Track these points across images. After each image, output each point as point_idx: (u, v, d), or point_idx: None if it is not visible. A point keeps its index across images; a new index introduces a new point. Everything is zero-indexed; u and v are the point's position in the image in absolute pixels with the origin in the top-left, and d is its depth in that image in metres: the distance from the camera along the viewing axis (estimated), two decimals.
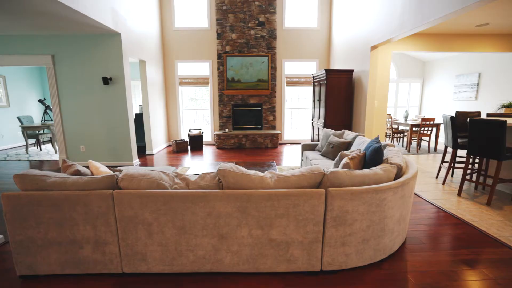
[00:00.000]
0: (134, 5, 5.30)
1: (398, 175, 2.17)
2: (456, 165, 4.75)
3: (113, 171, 2.19)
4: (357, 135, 3.69)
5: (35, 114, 7.97)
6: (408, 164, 2.43)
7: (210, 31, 7.05)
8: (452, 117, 3.69)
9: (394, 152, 2.49)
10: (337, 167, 2.54)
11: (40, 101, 7.72)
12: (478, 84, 6.73)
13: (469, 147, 3.29)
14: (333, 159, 3.74)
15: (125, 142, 5.07)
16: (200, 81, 7.36)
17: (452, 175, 4.23)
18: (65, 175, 1.91)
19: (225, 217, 1.76)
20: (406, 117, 6.97)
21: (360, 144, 3.34)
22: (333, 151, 3.76)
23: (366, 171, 1.98)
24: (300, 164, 4.46)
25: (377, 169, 2.03)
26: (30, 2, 3.25)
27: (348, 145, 3.72)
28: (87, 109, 4.95)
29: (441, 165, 4.12)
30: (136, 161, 5.30)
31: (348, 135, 3.93)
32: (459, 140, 3.79)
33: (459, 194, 3.41)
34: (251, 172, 1.88)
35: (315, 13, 7.18)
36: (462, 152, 5.85)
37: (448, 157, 5.46)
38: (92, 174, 2.14)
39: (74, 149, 5.09)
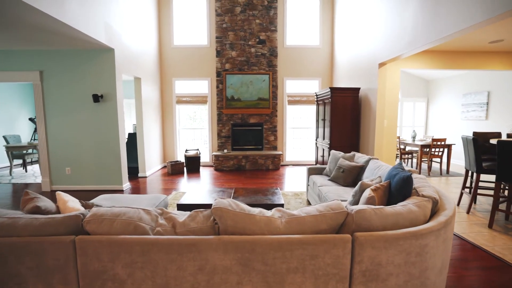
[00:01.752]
0: (131, 21, 5.11)
1: (432, 211, 1.78)
2: (478, 191, 4.34)
3: (85, 206, 1.78)
4: (370, 159, 3.32)
5: (25, 133, 7.61)
6: (440, 195, 2.04)
7: (209, 49, 6.87)
8: (474, 139, 3.35)
9: (421, 181, 2.11)
10: (356, 199, 2.14)
11: (30, 119, 7.39)
12: (487, 103, 6.48)
13: (499, 173, 2.91)
14: (344, 185, 3.35)
15: (115, 164, 4.67)
16: (199, 100, 7.09)
17: (475, 202, 3.81)
18: (19, 213, 1.51)
19: (221, 273, 1.34)
20: (414, 137, 6.64)
21: (376, 169, 2.97)
22: (344, 176, 3.37)
23: (398, 208, 1.59)
24: (306, 189, 4.05)
25: (411, 205, 1.63)
26: (16, 14, 2.99)
27: (360, 170, 3.34)
28: (75, 128, 4.60)
29: (463, 191, 3.72)
30: (126, 184, 4.88)
31: (359, 157, 3.56)
32: (483, 164, 3.42)
33: (490, 226, 2.99)
34: (255, 211, 1.48)
35: (316, 31, 7.05)
36: (483, 177, 5.32)
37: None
38: (58, 211, 1.74)
39: (59, 171, 4.68)
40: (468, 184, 4.60)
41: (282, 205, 2.70)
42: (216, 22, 6.64)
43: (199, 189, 3.32)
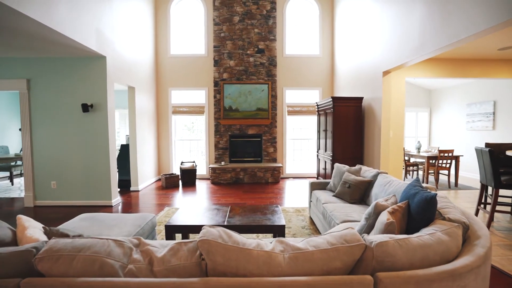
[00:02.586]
0: (125, 28, 4.93)
1: (463, 239, 1.49)
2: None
3: (48, 234, 1.49)
4: (378, 173, 3.04)
5: (15, 144, 7.33)
6: (468, 218, 1.76)
7: (207, 58, 6.71)
8: (490, 150, 3.09)
9: (443, 200, 1.83)
10: (369, 222, 1.86)
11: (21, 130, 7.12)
12: (494, 113, 6.26)
13: None
14: (351, 202, 3.06)
15: (104, 178, 4.38)
16: (196, 110, 6.87)
17: (492, 219, 3.51)
18: None
19: None
20: (418, 149, 6.40)
21: (386, 184, 2.69)
22: (350, 191, 3.09)
23: (425, 238, 1.31)
24: (309, 205, 3.76)
25: (440, 233, 1.35)
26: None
27: (368, 185, 3.06)
28: (62, 140, 4.33)
29: (479, 207, 3.44)
30: (116, 199, 4.57)
31: (366, 171, 3.29)
32: (501, 178, 3.15)
33: None
34: (252, 243, 1.20)
35: (316, 40, 6.91)
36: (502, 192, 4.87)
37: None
38: (15, 240, 1.45)
39: (44, 185, 4.38)
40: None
41: (283, 227, 2.41)
42: (214, 31, 6.50)
43: (193, 205, 3.02)
